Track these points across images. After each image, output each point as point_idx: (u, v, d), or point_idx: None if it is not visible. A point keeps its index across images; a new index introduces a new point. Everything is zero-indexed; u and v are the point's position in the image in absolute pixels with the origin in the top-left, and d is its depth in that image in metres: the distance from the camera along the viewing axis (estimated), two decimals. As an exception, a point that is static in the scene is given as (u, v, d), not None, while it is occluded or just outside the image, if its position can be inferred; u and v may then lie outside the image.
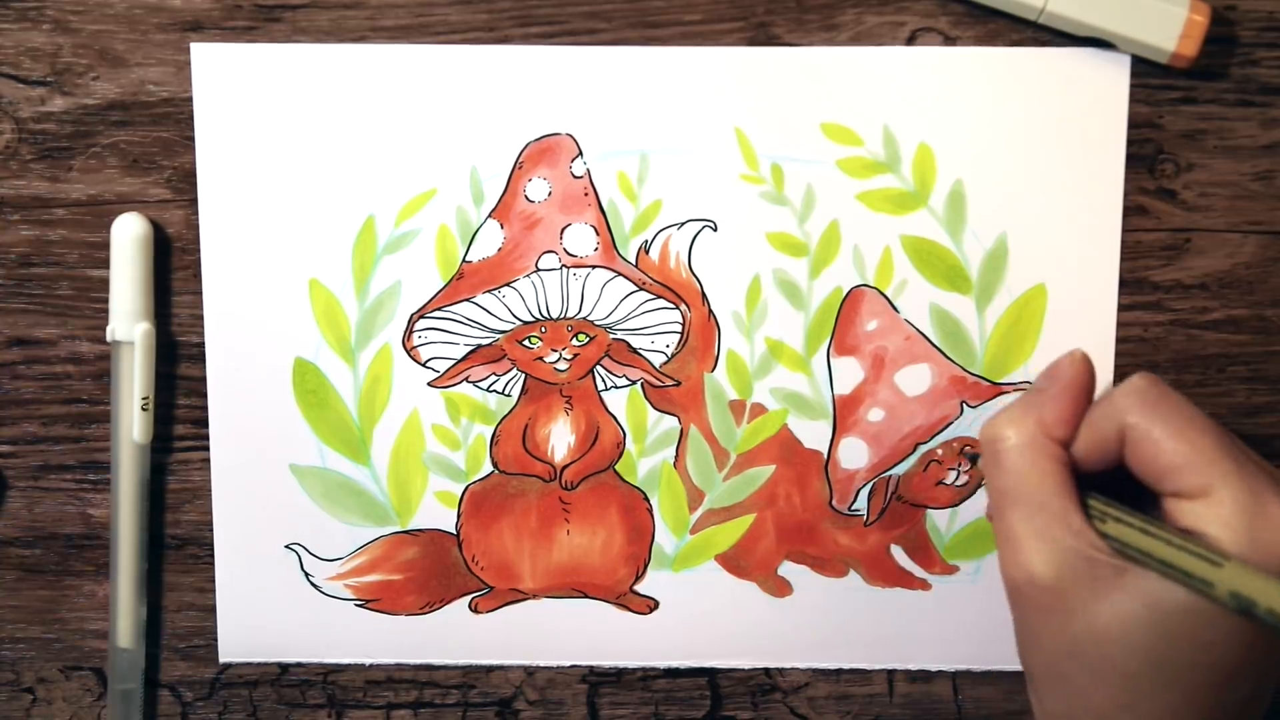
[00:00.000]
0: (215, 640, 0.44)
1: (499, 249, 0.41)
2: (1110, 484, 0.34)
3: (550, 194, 0.41)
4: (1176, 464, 0.32)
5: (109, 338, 0.41)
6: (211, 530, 0.43)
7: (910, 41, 0.40)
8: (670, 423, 0.42)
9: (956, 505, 0.43)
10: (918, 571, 0.43)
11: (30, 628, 0.44)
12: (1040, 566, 0.33)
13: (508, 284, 0.41)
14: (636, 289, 0.41)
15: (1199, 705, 0.32)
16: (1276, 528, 0.31)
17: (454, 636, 0.43)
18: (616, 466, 0.43)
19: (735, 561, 0.43)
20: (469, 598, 0.43)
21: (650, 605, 0.43)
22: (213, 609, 0.43)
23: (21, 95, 0.41)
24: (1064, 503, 0.33)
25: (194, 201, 0.41)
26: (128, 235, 0.40)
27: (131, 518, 0.42)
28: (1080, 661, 0.33)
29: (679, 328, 0.42)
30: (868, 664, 0.43)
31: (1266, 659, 0.32)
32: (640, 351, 0.42)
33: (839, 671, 0.44)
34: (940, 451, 0.42)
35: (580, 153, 0.41)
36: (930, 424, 0.42)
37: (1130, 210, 0.41)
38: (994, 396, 0.42)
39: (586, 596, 0.43)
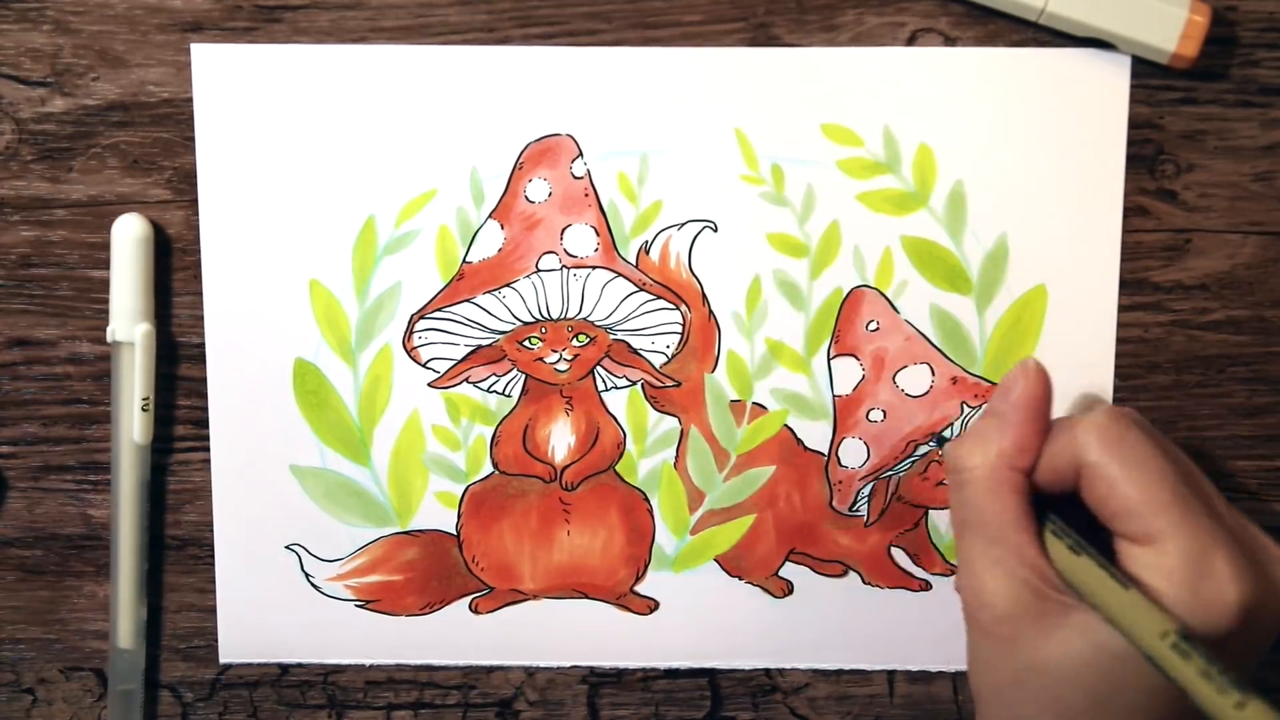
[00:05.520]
0: (215, 641, 0.44)
1: (499, 249, 0.41)
2: (1072, 503, 0.34)
3: (550, 194, 0.41)
4: (1127, 509, 0.32)
5: (109, 338, 0.41)
6: (211, 531, 0.43)
7: (910, 42, 0.40)
8: (670, 423, 0.42)
9: (957, 506, 0.43)
10: (918, 572, 0.43)
11: (30, 628, 0.44)
12: (993, 596, 0.33)
13: (508, 285, 0.41)
14: (636, 289, 0.41)
15: None
16: (1220, 584, 0.31)
17: (454, 637, 0.43)
18: (617, 467, 0.43)
19: (735, 562, 0.43)
20: (469, 598, 0.43)
21: (650, 606, 0.43)
22: (213, 609, 0.43)
23: (21, 96, 0.41)
24: (1020, 536, 0.34)
25: (194, 202, 0.41)
26: (128, 236, 0.40)
27: (131, 518, 0.42)
28: (1024, 691, 0.33)
29: (679, 328, 0.42)
30: (868, 664, 0.43)
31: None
32: (640, 352, 0.42)
33: (839, 672, 0.44)
34: (940, 452, 0.42)
35: (580, 153, 0.41)
36: (930, 424, 0.42)
37: (1130, 211, 0.41)
38: (994, 397, 0.42)
39: (587, 597, 0.43)
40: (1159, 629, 0.30)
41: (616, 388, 0.42)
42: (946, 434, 0.42)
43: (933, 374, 0.42)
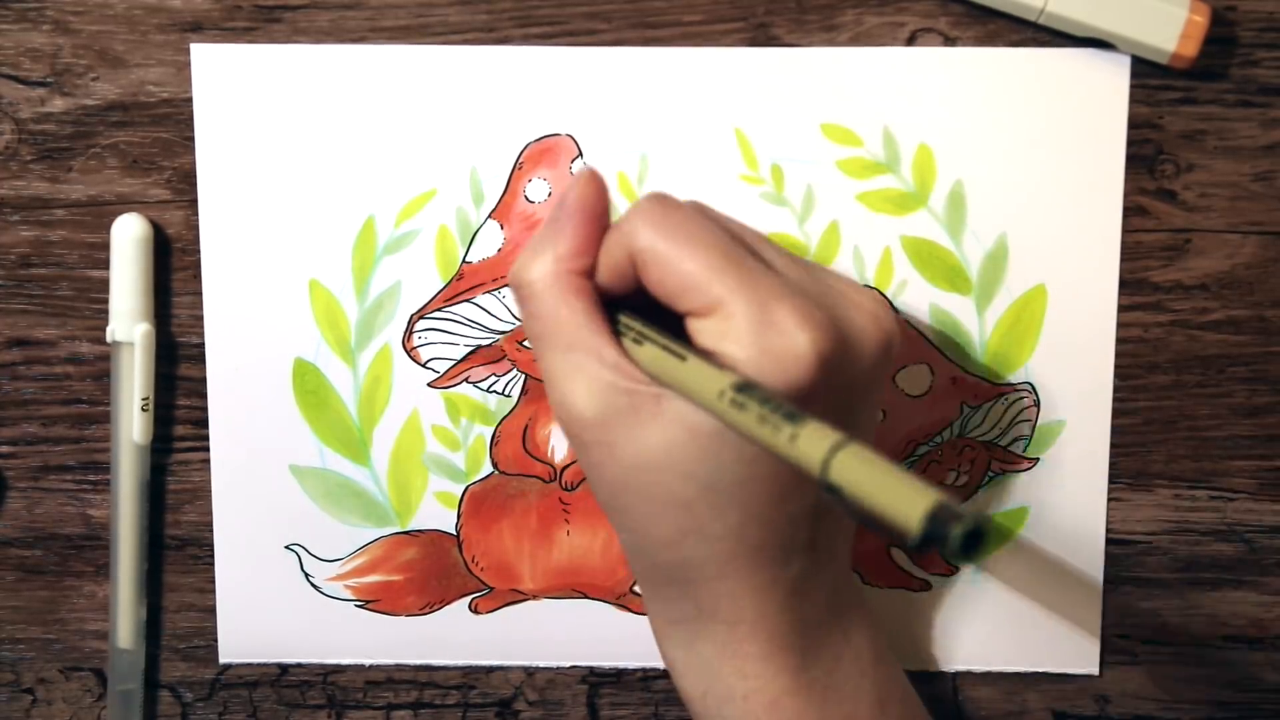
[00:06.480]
0: (215, 641, 0.44)
1: (499, 249, 0.41)
2: (652, 305, 0.33)
3: (550, 195, 0.41)
4: (684, 283, 0.31)
5: (109, 338, 0.41)
6: (211, 530, 0.43)
7: (910, 42, 0.40)
8: (670, 423, 0.42)
9: (956, 506, 0.42)
10: (918, 572, 0.43)
11: (30, 628, 0.44)
12: (582, 403, 0.32)
13: (508, 285, 0.41)
14: (636, 289, 0.41)
15: (762, 518, 0.32)
16: (783, 333, 0.30)
17: (454, 637, 0.43)
18: (616, 467, 0.43)
19: (735, 562, 0.43)
20: (469, 598, 0.43)
21: (650, 606, 0.43)
22: (213, 609, 0.43)
23: (21, 95, 0.41)
24: (595, 338, 0.32)
25: (194, 202, 0.41)
26: (128, 236, 0.40)
27: (131, 518, 0.42)
28: (635, 493, 0.32)
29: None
30: (868, 664, 0.43)
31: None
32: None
33: (839, 672, 0.44)
34: (940, 452, 0.42)
35: (580, 153, 0.41)
36: (930, 424, 0.42)
37: (1130, 210, 0.41)
38: (994, 397, 0.42)
39: (586, 597, 0.43)
40: (716, 389, 0.30)
41: (616, 388, 0.42)
42: (945, 434, 0.42)
43: (932, 374, 0.42)
